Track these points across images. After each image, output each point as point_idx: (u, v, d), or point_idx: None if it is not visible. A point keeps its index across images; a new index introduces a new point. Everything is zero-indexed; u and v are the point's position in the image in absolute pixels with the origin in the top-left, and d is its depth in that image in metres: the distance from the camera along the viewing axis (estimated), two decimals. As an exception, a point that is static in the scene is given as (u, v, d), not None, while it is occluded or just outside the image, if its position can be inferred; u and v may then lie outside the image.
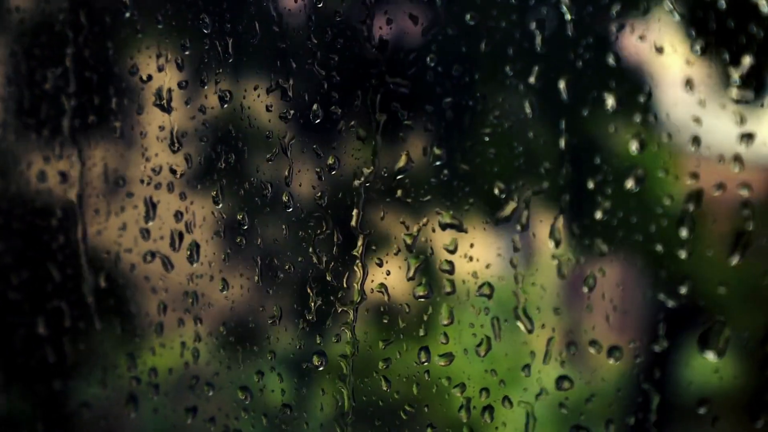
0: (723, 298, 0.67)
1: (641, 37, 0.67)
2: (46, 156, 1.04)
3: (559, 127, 0.70)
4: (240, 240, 0.88)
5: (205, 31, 0.87)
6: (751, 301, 0.67)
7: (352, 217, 0.80)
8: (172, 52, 0.90)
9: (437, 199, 0.77)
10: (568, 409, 0.72)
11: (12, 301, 1.08)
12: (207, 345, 0.92)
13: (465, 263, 0.76)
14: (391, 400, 0.80)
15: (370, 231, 0.80)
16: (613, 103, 0.68)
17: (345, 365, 0.82)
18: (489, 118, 0.73)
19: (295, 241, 0.84)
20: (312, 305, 0.83)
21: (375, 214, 0.79)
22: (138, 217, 0.95)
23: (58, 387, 1.06)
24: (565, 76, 0.70)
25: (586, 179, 0.70)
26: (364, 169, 0.79)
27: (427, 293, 0.78)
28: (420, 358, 0.78)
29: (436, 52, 0.75)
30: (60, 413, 1.07)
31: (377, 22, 0.78)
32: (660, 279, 0.69)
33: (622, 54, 0.68)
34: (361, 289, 0.81)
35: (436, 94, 0.76)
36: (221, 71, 0.87)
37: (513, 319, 0.73)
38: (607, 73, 0.68)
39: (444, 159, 0.76)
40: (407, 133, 0.78)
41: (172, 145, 0.91)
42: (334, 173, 0.81)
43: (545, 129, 0.71)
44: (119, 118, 0.96)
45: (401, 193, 0.78)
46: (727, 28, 0.64)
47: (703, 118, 0.66)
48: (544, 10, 0.71)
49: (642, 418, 0.70)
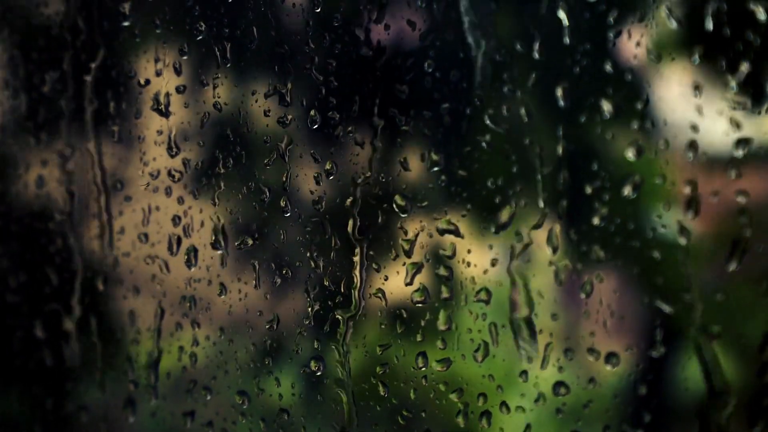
0: (720, 305, 0.67)
1: (638, 44, 0.67)
2: (44, 160, 1.04)
3: (556, 134, 0.70)
4: (238, 245, 0.88)
5: (203, 36, 0.87)
6: (749, 308, 0.67)
7: (349, 222, 0.80)
8: (170, 56, 0.90)
9: (435, 204, 0.77)
10: (566, 414, 0.72)
11: (9, 304, 1.08)
12: (205, 349, 0.92)
13: (463, 269, 0.76)
14: (389, 405, 0.80)
15: (367, 236, 0.80)
16: (610, 109, 0.68)
17: (342, 370, 0.82)
18: (486, 124, 0.73)
19: (293, 246, 0.84)
20: (310, 310, 0.83)
21: (373, 220, 0.79)
22: (136, 221, 0.95)
23: (55, 390, 1.06)
24: (563, 82, 0.70)
25: (583, 186, 0.70)
26: (362, 174, 0.80)
27: (424, 299, 0.78)
28: (418, 364, 0.78)
29: (433, 57, 0.75)
30: (58, 417, 1.07)
31: (375, 28, 0.78)
32: (657, 285, 0.69)
33: (620, 61, 0.68)
34: (359, 295, 0.81)
35: (433, 99, 0.76)
36: (219, 76, 0.87)
37: (510, 325, 0.73)
38: (605, 79, 0.68)
39: (442, 165, 0.76)
40: (405, 139, 0.78)
41: (170, 150, 0.91)
42: (332, 178, 0.81)
43: (542, 135, 0.71)
44: (117, 122, 0.96)
45: (399, 198, 0.78)
46: (724, 36, 0.64)
47: (700, 125, 0.66)
48: (541, 17, 0.71)
49: (639, 424, 0.70)
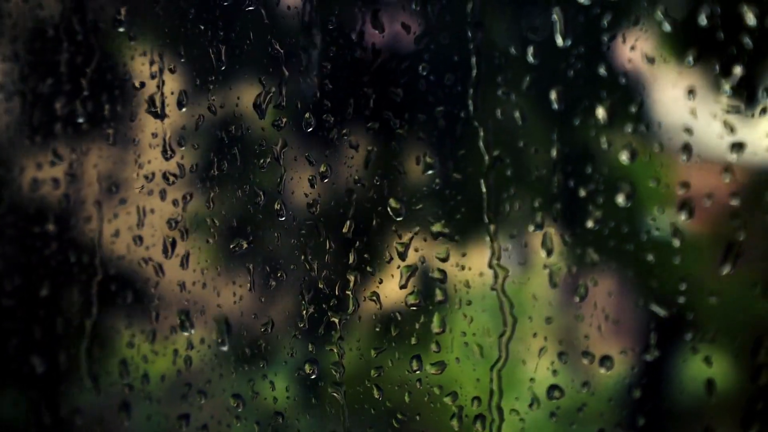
0: (714, 308, 0.67)
1: (633, 48, 0.67)
2: (38, 162, 1.04)
3: (551, 137, 0.70)
4: (233, 248, 0.88)
5: (198, 38, 0.87)
6: (743, 311, 0.67)
7: (344, 225, 0.80)
8: (165, 59, 0.90)
9: (429, 207, 0.77)
10: (560, 418, 0.72)
11: (3, 308, 1.08)
12: (199, 353, 0.92)
13: (457, 272, 0.76)
14: (383, 408, 0.80)
15: (362, 239, 0.80)
16: (604, 113, 0.68)
17: (337, 373, 0.82)
18: (481, 127, 0.73)
19: (288, 249, 0.84)
20: (304, 313, 0.83)
21: (367, 223, 0.79)
22: (130, 224, 0.95)
23: (50, 394, 1.06)
24: (557, 85, 0.70)
25: (577, 188, 0.70)
26: (356, 177, 0.79)
27: (419, 302, 0.78)
28: (412, 367, 0.78)
29: (428, 60, 0.75)
30: (52, 420, 1.07)
31: (370, 31, 0.78)
32: (651, 288, 0.69)
33: (614, 64, 0.68)
34: (353, 297, 0.81)
35: (428, 102, 0.76)
36: (214, 78, 0.87)
37: (503, 328, 0.73)
38: (599, 83, 0.68)
39: (436, 167, 0.76)
40: (399, 142, 0.78)
41: (165, 153, 0.91)
42: (326, 181, 0.81)
43: (537, 138, 0.71)
44: (112, 125, 0.96)
45: (393, 201, 0.78)
46: (718, 39, 0.64)
47: (694, 128, 0.66)
48: (536, 20, 0.71)
49: (633, 428, 0.70)
